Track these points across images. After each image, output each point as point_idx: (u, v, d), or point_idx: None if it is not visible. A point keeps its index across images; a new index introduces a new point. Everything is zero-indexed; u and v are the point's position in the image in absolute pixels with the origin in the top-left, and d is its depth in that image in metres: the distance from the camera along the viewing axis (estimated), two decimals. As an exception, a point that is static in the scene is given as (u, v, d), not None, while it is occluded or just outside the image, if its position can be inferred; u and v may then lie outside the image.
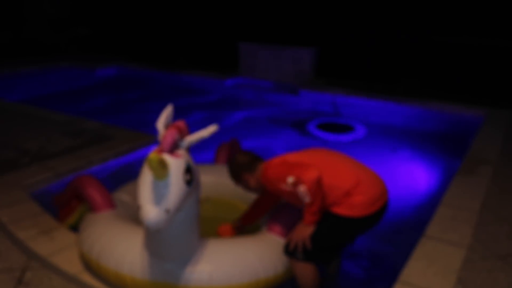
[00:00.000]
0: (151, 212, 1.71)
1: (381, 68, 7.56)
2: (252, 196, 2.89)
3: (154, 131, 2.06)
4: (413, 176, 4.20)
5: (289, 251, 2.19)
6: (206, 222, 2.75)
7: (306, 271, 2.18)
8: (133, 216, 2.60)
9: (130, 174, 3.68)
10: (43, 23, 10.75)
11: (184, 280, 2.05)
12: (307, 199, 2.08)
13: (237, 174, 2.36)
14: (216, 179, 3.09)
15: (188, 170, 1.85)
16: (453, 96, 6.62)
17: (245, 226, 2.60)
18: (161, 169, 1.68)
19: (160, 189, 1.74)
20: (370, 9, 7.54)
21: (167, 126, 1.96)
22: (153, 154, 1.64)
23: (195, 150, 2.07)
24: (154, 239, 2.02)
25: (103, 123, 4.96)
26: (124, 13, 10.81)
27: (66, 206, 2.85)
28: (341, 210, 2.16)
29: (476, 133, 4.85)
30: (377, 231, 3.03)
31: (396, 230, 3.14)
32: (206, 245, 2.17)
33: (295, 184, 2.10)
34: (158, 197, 1.74)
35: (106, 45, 11.03)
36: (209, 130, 1.91)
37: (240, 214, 2.65)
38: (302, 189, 2.05)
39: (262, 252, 2.20)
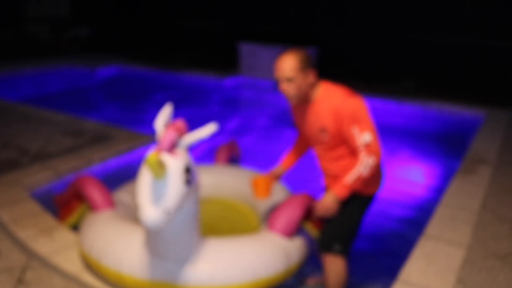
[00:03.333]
0: (150, 212, 1.71)
1: (381, 68, 7.55)
2: (251, 197, 2.89)
3: (153, 130, 2.07)
4: (413, 176, 4.21)
5: (326, 245, 2.15)
6: (206, 222, 2.76)
7: (340, 267, 2.17)
8: (133, 216, 2.60)
9: (130, 173, 3.68)
10: (43, 22, 10.75)
11: (184, 280, 2.05)
12: (362, 171, 1.98)
13: (306, 64, 2.05)
14: (215, 180, 3.09)
15: (187, 169, 1.85)
16: (453, 96, 6.63)
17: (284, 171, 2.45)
18: (160, 169, 1.68)
19: (159, 189, 1.74)
20: (370, 9, 7.54)
21: (166, 125, 1.96)
22: (151, 154, 1.64)
23: (194, 150, 2.07)
24: (154, 238, 2.02)
25: (103, 123, 4.97)
26: (124, 13, 10.81)
27: (66, 206, 2.85)
28: (370, 189, 2.17)
29: (475, 133, 4.85)
30: (376, 230, 3.04)
31: (395, 230, 3.14)
32: (206, 245, 2.16)
33: (367, 146, 1.98)
34: (157, 197, 1.74)
35: (106, 45, 11.04)
36: (208, 129, 1.91)
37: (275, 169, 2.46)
38: (369, 159, 1.96)
39: (263, 251, 2.19)
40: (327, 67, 7.88)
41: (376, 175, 2.17)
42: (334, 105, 2.03)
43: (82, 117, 5.18)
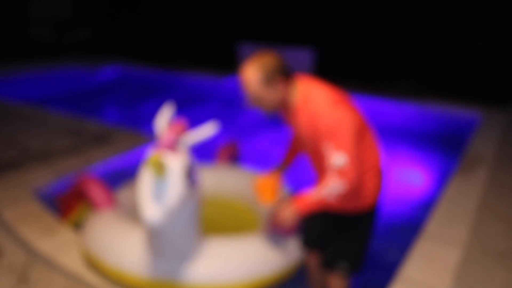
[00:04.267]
0: (151, 211, 1.73)
1: (379, 68, 7.55)
2: (251, 197, 2.90)
3: (154, 130, 2.08)
4: (411, 176, 4.22)
5: (331, 264, 1.98)
6: (206, 222, 2.77)
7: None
8: (135, 215, 2.62)
9: (131, 173, 3.70)
10: (45, 24, 10.76)
11: (185, 279, 2.06)
12: (327, 195, 1.73)
13: (272, 74, 1.74)
14: (216, 179, 3.09)
15: (188, 169, 1.86)
16: (451, 96, 6.63)
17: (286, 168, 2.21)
18: (161, 168, 1.69)
19: (160, 188, 1.75)
20: (368, 8, 7.54)
21: (167, 125, 1.97)
22: (153, 154, 1.66)
23: (194, 150, 2.09)
24: (155, 237, 2.03)
25: (104, 123, 4.99)
26: (125, 14, 10.82)
27: (68, 205, 2.87)
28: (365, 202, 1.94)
29: (473, 133, 4.86)
30: (375, 230, 3.05)
31: (394, 229, 3.16)
32: (206, 244, 2.17)
33: (339, 169, 1.69)
34: (159, 197, 1.75)
35: (108, 45, 11.05)
36: (209, 129, 1.92)
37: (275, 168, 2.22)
38: (337, 185, 1.70)
39: (263, 251, 2.20)
40: (326, 67, 7.90)
41: (374, 185, 1.93)
42: (311, 115, 1.73)
43: (84, 117, 5.20)
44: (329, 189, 1.73)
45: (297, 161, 2.24)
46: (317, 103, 1.74)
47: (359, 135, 1.80)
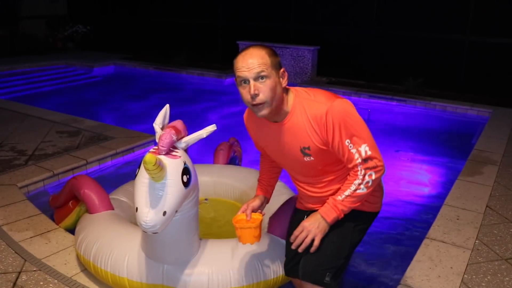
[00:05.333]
0: (147, 215, 1.67)
1: (384, 67, 7.51)
2: (251, 197, 2.84)
3: (151, 130, 2.01)
4: (416, 176, 4.16)
5: (316, 276, 1.67)
6: (205, 223, 2.72)
7: None
8: (131, 217, 2.56)
9: (128, 174, 3.64)
10: (40, 20, 10.70)
11: (182, 283, 2.01)
12: (361, 189, 1.57)
13: (279, 62, 1.60)
14: (215, 180, 3.05)
15: (186, 171, 1.80)
16: (457, 95, 6.59)
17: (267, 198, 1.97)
18: (158, 170, 1.64)
19: (157, 191, 1.70)
20: (372, 6, 7.49)
21: (164, 126, 1.91)
22: (149, 155, 1.59)
23: (193, 149, 2.02)
24: (152, 241, 1.98)
25: (100, 122, 4.93)
26: (122, 11, 10.75)
27: (62, 208, 2.80)
28: (373, 206, 1.78)
29: (480, 133, 4.81)
30: (379, 232, 3.00)
31: (398, 231, 3.10)
32: (205, 247, 2.13)
33: (366, 161, 1.55)
34: (155, 199, 1.69)
35: (104, 43, 10.98)
36: (208, 129, 1.86)
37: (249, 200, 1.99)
38: (369, 176, 1.55)
39: (263, 254, 2.15)
40: (328, 66, 7.85)
41: (378, 189, 1.80)
42: (314, 112, 1.56)
43: (79, 116, 5.14)
44: (363, 182, 1.56)
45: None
46: (316, 100, 1.59)
47: None
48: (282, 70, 1.60)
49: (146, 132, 4.44)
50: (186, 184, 1.79)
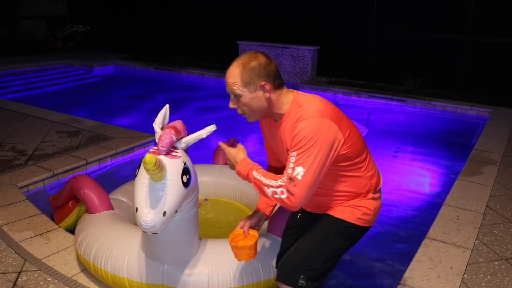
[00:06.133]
0: (147, 215, 1.67)
1: (384, 67, 7.50)
2: (251, 197, 2.84)
3: (151, 130, 2.01)
4: (416, 177, 4.15)
5: (288, 277, 1.68)
6: (204, 224, 2.71)
7: None
8: (131, 218, 2.56)
9: (128, 174, 3.63)
10: (40, 20, 10.69)
11: (182, 283, 2.01)
12: (268, 191, 1.56)
13: (257, 75, 1.59)
14: (215, 180, 3.05)
15: (186, 171, 1.80)
16: (457, 95, 6.58)
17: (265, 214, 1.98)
18: (158, 170, 1.63)
19: (157, 191, 1.70)
20: (372, 6, 7.48)
21: (164, 126, 1.91)
22: (149, 156, 1.59)
23: (192, 149, 2.02)
24: (152, 241, 1.98)
25: (100, 122, 4.92)
26: (121, 10, 10.74)
27: (62, 208, 2.80)
28: (359, 221, 1.75)
29: (480, 133, 4.81)
30: (379, 232, 3.00)
31: (398, 231, 3.10)
32: (205, 247, 2.12)
33: (292, 180, 1.51)
34: (155, 200, 1.69)
35: (103, 43, 10.98)
36: (208, 130, 1.86)
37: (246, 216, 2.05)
38: (284, 192, 1.53)
39: (263, 254, 2.15)
40: (328, 66, 7.85)
41: (374, 207, 1.76)
42: (298, 118, 1.57)
43: (79, 116, 5.13)
44: (275, 187, 1.54)
45: None
46: (304, 110, 1.57)
47: (349, 159, 1.64)
48: (261, 83, 1.59)
49: (146, 132, 4.43)
50: (186, 184, 1.79)
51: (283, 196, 1.53)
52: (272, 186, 1.56)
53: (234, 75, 1.61)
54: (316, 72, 7.86)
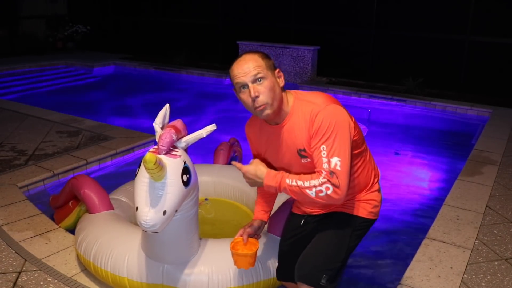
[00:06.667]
0: (148, 214, 1.67)
1: (384, 67, 7.50)
2: (251, 197, 2.84)
3: (151, 130, 2.01)
4: (416, 177, 4.15)
5: (312, 278, 1.66)
6: (205, 223, 2.71)
7: None
8: (131, 217, 2.56)
9: (128, 174, 3.63)
10: (39, 20, 10.69)
11: (182, 283, 2.01)
12: (311, 192, 1.53)
13: (273, 64, 1.65)
14: (215, 180, 3.05)
15: (186, 170, 1.80)
16: (457, 95, 6.58)
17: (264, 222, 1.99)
18: (158, 170, 1.63)
19: (157, 190, 1.70)
20: (372, 7, 7.48)
21: (164, 125, 1.91)
22: (149, 155, 1.59)
23: (192, 149, 2.02)
24: (152, 240, 1.98)
25: (100, 122, 4.92)
26: (121, 11, 10.74)
27: (62, 208, 2.80)
28: (370, 214, 1.79)
29: (480, 133, 4.81)
30: (379, 232, 2.99)
31: (398, 231, 3.09)
32: (205, 247, 2.12)
33: (332, 173, 1.50)
34: (155, 199, 1.69)
35: (103, 43, 10.97)
36: (208, 129, 1.86)
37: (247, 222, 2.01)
38: (325, 189, 1.51)
39: (263, 254, 2.14)
40: (328, 66, 7.85)
41: (380, 198, 1.82)
42: (309, 112, 1.57)
43: (79, 116, 5.13)
44: (315, 187, 1.51)
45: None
46: (313, 102, 1.60)
47: (358, 147, 1.67)
48: (277, 70, 1.65)
49: (146, 132, 4.44)
50: (186, 184, 1.79)
51: (329, 192, 1.51)
52: (315, 186, 1.52)
53: (255, 59, 1.59)
54: (316, 72, 7.86)
